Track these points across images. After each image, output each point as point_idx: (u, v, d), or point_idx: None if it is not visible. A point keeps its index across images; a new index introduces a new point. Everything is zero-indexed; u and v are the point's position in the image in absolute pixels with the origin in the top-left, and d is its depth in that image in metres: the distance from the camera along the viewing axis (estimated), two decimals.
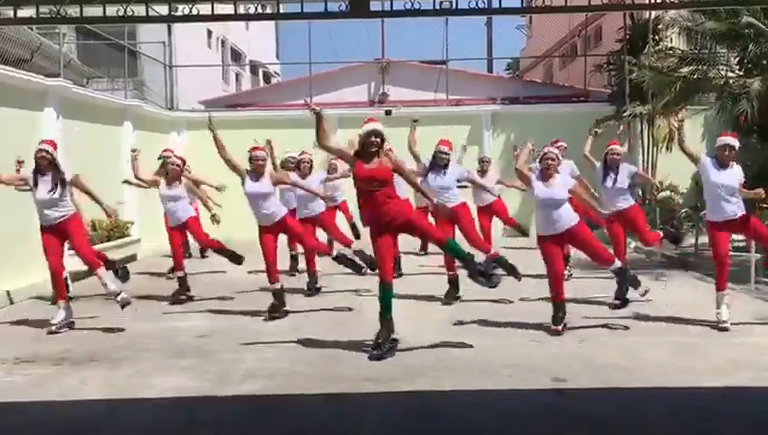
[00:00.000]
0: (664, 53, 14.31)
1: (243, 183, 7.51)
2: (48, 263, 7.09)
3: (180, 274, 8.77)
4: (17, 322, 7.58)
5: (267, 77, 27.56)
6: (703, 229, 10.55)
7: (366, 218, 6.07)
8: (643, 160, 15.04)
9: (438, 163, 8.19)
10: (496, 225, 11.11)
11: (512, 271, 7.81)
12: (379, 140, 5.87)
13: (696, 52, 12.97)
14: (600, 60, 16.98)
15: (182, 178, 8.74)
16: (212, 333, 6.95)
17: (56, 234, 7.10)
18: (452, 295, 8.27)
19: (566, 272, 8.48)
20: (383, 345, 5.99)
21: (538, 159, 6.98)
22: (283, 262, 8.63)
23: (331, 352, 6.15)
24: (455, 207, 8.03)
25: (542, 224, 6.80)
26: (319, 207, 9.14)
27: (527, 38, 28.98)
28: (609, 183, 7.94)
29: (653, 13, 14.34)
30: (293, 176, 8.73)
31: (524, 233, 10.25)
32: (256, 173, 7.51)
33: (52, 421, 4.73)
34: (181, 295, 8.68)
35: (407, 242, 9.94)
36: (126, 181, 9.94)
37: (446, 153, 8.18)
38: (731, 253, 7.13)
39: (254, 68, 26.47)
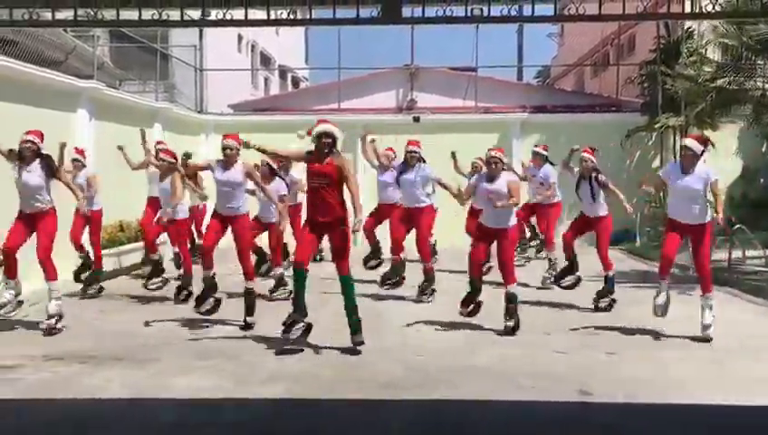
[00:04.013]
0: (699, 64, 14.04)
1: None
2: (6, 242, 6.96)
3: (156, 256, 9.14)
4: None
5: (296, 82, 27.72)
6: (738, 244, 10.26)
7: (308, 212, 6.40)
8: None
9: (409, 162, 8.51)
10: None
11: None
12: (330, 140, 6.23)
13: (733, 63, 12.68)
14: (632, 71, 16.76)
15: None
16: (236, 335, 6.98)
17: (28, 223, 6.98)
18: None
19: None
20: (292, 327, 6.26)
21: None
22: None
23: (354, 356, 6.15)
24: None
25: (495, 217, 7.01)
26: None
27: (558, 46, 28.81)
28: (590, 192, 7.91)
29: (687, 23, 14.12)
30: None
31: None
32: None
33: (74, 419, 4.77)
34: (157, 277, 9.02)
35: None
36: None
37: (415, 152, 8.49)
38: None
39: (283, 72, 26.64)
